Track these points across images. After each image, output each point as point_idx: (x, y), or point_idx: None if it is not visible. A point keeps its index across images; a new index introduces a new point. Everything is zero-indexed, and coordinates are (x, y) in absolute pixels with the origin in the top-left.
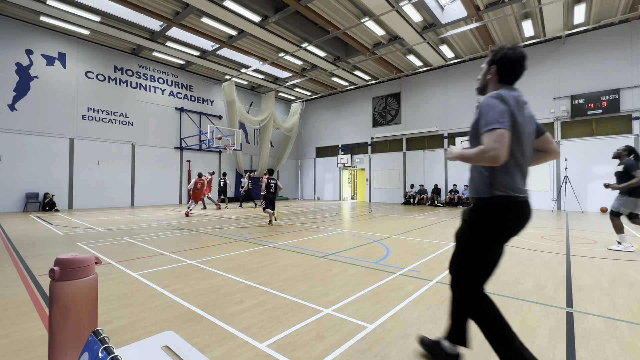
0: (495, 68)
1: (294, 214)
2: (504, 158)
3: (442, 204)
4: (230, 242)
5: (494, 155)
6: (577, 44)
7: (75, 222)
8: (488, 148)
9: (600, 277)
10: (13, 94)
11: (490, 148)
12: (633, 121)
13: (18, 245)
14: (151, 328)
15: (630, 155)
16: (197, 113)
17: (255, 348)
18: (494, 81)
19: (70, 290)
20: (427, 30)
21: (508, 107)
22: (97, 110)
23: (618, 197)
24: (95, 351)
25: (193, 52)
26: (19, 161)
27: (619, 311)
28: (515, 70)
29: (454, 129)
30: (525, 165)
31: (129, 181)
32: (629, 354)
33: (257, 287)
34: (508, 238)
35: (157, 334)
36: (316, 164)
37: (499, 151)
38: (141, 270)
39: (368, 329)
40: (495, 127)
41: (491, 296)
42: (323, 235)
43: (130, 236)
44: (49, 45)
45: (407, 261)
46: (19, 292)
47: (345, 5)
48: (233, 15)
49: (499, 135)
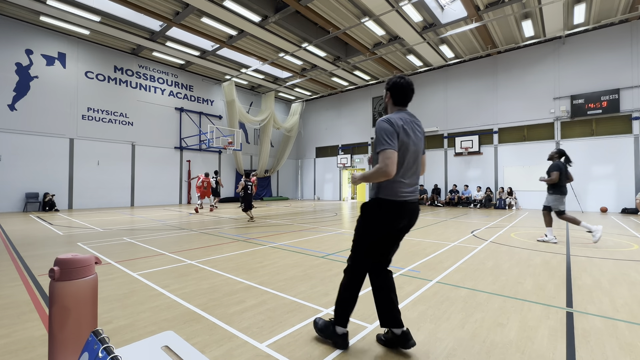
0: (389, 94)
1: (294, 214)
2: (393, 172)
3: (442, 204)
4: (230, 242)
5: (385, 171)
6: (577, 44)
7: (75, 222)
8: (381, 166)
9: (600, 277)
10: (13, 94)
11: (383, 165)
12: (633, 121)
13: (18, 245)
14: (151, 328)
15: (560, 157)
16: (197, 113)
17: (255, 348)
18: (390, 103)
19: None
20: (427, 30)
21: (394, 130)
22: (97, 110)
23: (547, 195)
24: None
25: (193, 52)
26: (18, 161)
27: (619, 311)
28: (404, 95)
29: (453, 129)
30: (411, 174)
31: (128, 181)
32: (629, 354)
33: (257, 287)
34: (390, 229)
35: (157, 334)
36: (316, 164)
37: (389, 168)
38: (141, 270)
39: (368, 329)
40: (385, 148)
41: (491, 296)
42: (323, 235)
43: (130, 236)
44: (48, 45)
45: (407, 261)
46: (19, 292)
47: (345, 5)
48: (233, 15)
49: (387, 156)
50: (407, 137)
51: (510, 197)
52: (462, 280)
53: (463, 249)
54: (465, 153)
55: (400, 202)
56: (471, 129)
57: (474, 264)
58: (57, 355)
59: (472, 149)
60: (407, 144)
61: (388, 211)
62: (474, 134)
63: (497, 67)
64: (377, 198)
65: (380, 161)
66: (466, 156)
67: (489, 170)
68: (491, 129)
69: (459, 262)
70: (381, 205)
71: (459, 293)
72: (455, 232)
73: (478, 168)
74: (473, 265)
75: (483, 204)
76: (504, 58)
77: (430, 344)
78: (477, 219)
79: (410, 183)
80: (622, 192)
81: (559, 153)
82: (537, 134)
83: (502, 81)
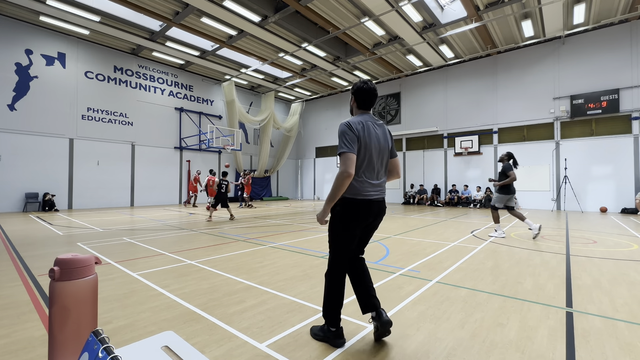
0: (354, 97)
1: (293, 214)
2: (352, 173)
3: (442, 203)
4: (230, 242)
5: (348, 173)
6: (577, 44)
7: (75, 222)
8: (342, 169)
9: (600, 277)
10: (13, 94)
11: (344, 168)
12: (632, 121)
13: (18, 245)
14: (151, 328)
15: (510, 159)
16: (197, 113)
17: (255, 348)
18: (355, 107)
19: (70, 290)
20: (426, 30)
21: (354, 133)
22: (96, 110)
23: (495, 194)
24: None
25: (193, 52)
26: (18, 161)
27: (619, 311)
28: (367, 99)
29: (453, 129)
30: (376, 173)
31: (128, 181)
32: (629, 354)
33: (257, 287)
34: (357, 226)
35: (157, 334)
36: (316, 164)
37: (348, 169)
38: (141, 270)
39: (368, 329)
40: (344, 151)
41: (491, 296)
42: (323, 235)
43: (130, 236)
44: (48, 45)
45: (406, 261)
46: (19, 292)
47: (345, 5)
48: (233, 15)
49: (346, 158)
50: (369, 138)
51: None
52: (461, 280)
53: (463, 249)
54: (465, 153)
55: (365, 201)
56: (471, 129)
57: (473, 264)
58: (57, 356)
59: (472, 149)
60: (369, 144)
61: (353, 210)
62: (473, 134)
63: (496, 67)
64: (343, 197)
65: (341, 164)
66: (466, 156)
67: (488, 170)
68: (491, 129)
69: (458, 262)
70: (346, 205)
71: (458, 293)
72: (455, 232)
73: (478, 168)
74: (473, 265)
75: (483, 204)
76: (504, 58)
77: (430, 344)
78: (477, 219)
79: (376, 182)
80: (621, 192)
81: (509, 156)
82: (536, 134)
83: (501, 81)
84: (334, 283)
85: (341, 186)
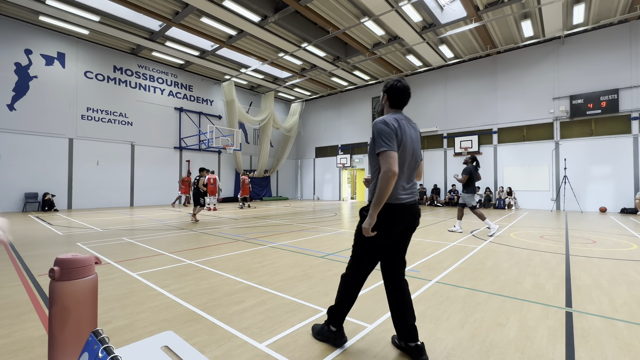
0: (386, 96)
1: (293, 214)
2: (397, 171)
3: (442, 204)
4: (229, 242)
5: (393, 172)
6: (577, 44)
7: (75, 222)
8: (386, 168)
9: (599, 277)
10: (12, 94)
11: (388, 167)
12: (632, 121)
13: (17, 245)
14: (151, 328)
15: (473, 162)
16: (197, 113)
17: (255, 348)
18: (387, 106)
19: (70, 290)
20: (426, 30)
21: (392, 130)
22: (96, 110)
23: (462, 193)
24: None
25: (192, 52)
26: (18, 161)
27: (618, 311)
28: (400, 98)
29: (453, 129)
30: (408, 176)
31: (128, 181)
32: (628, 353)
33: (256, 287)
34: (390, 233)
35: (156, 334)
36: (316, 164)
37: (392, 167)
38: (141, 270)
39: (368, 328)
40: (384, 149)
41: (490, 296)
42: (323, 235)
43: (130, 236)
44: (48, 45)
45: (406, 261)
46: (18, 292)
47: (344, 5)
48: (232, 15)
49: (388, 156)
50: (404, 137)
51: (510, 197)
52: (461, 280)
53: (462, 248)
54: (464, 153)
55: (398, 205)
56: (470, 129)
57: (473, 264)
58: (57, 356)
59: (472, 149)
60: (405, 143)
61: (386, 215)
62: (473, 134)
63: (496, 67)
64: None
65: (384, 163)
66: (466, 156)
67: (488, 170)
68: (490, 129)
69: (458, 262)
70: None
71: (458, 293)
72: (455, 232)
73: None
74: (472, 265)
75: (482, 204)
76: (504, 58)
77: (430, 344)
78: (477, 219)
79: (408, 185)
80: (621, 192)
81: (472, 159)
82: (536, 134)
83: (501, 81)
84: (347, 287)
85: (387, 187)
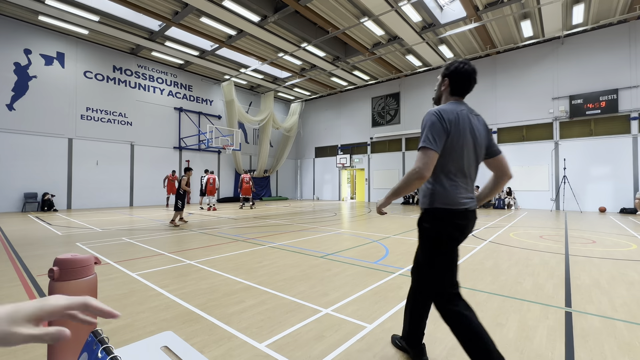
0: (448, 81)
1: (293, 214)
2: (427, 175)
3: None
4: (229, 242)
5: (422, 175)
6: (576, 44)
7: (74, 222)
8: (418, 167)
9: (599, 277)
10: (11, 94)
11: (421, 166)
12: (631, 121)
13: (16, 245)
14: (150, 328)
15: None
16: (196, 113)
17: (255, 348)
18: (446, 93)
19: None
20: (426, 31)
21: (444, 127)
22: (95, 110)
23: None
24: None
25: (192, 52)
26: (17, 161)
27: (618, 311)
28: (465, 83)
29: None
30: (468, 176)
31: (127, 181)
32: (628, 353)
33: (256, 287)
34: (455, 243)
35: (156, 334)
36: (315, 164)
37: (424, 170)
38: (140, 271)
39: (367, 328)
40: (426, 146)
41: (490, 296)
42: (322, 235)
43: (129, 236)
44: (47, 44)
45: (406, 261)
46: (18, 292)
47: (344, 5)
48: (232, 15)
49: (427, 155)
50: (463, 132)
51: (510, 197)
52: (461, 280)
53: (462, 248)
54: None
55: (461, 211)
56: None
57: (473, 264)
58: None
59: None
60: (463, 141)
61: (450, 224)
62: None
63: (496, 67)
64: (434, 209)
65: (418, 160)
66: None
67: (488, 170)
68: (490, 129)
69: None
70: (440, 218)
71: None
72: None
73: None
74: (472, 265)
75: (482, 204)
76: (503, 58)
77: (430, 344)
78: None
79: (469, 187)
80: (620, 192)
81: None
82: (536, 134)
83: (501, 81)
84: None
85: (410, 187)
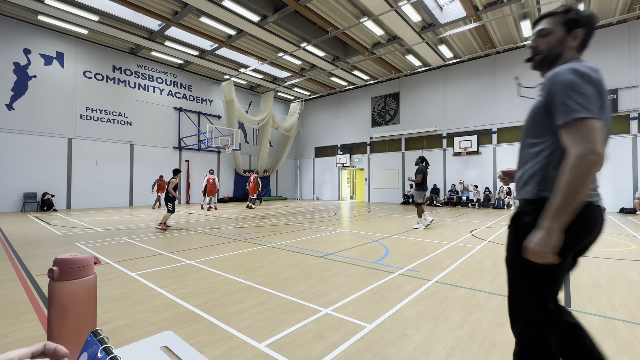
0: (583, 32)
1: (293, 214)
2: (602, 154)
3: (441, 203)
4: (229, 242)
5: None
6: None
7: (74, 222)
8: (583, 150)
9: (598, 276)
10: (11, 94)
11: (585, 150)
12: (631, 121)
13: (16, 245)
14: (150, 328)
15: (423, 162)
16: (196, 113)
17: (254, 348)
18: (573, 50)
19: (69, 290)
20: (426, 30)
21: (595, 89)
22: (95, 109)
23: (413, 191)
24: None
25: (192, 52)
26: (16, 161)
27: (617, 311)
28: (590, 38)
29: (452, 129)
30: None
31: (127, 181)
32: (627, 353)
33: (256, 287)
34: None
35: (156, 334)
36: (315, 164)
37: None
38: (140, 270)
39: (367, 328)
40: (584, 116)
41: (490, 296)
42: (322, 235)
43: (129, 236)
44: (47, 44)
45: (405, 261)
46: (17, 292)
47: (344, 5)
48: (232, 14)
49: (588, 128)
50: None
51: (509, 197)
52: (460, 280)
53: (462, 248)
54: (464, 153)
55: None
56: (470, 129)
57: (472, 264)
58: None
59: (471, 149)
60: (608, 113)
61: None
62: (472, 134)
63: (495, 67)
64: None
65: (579, 139)
66: (465, 156)
67: (487, 170)
68: (490, 129)
69: (457, 262)
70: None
71: (457, 293)
72: (454, 232)
73: (477, 168)
74: (472, 264)
75: (482, 204)
76: (503, 58)
77: (430, 344)
78: (476, 219)
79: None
80: (619, 192)
81: (421, 159)
82: None
83: (500, 81)
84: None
85: (585, 180)
